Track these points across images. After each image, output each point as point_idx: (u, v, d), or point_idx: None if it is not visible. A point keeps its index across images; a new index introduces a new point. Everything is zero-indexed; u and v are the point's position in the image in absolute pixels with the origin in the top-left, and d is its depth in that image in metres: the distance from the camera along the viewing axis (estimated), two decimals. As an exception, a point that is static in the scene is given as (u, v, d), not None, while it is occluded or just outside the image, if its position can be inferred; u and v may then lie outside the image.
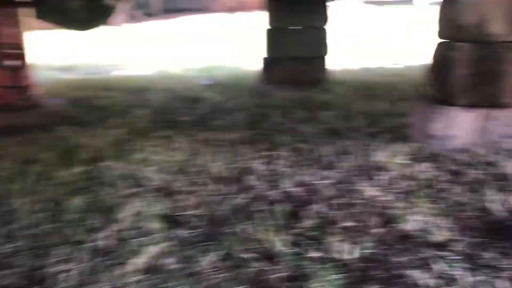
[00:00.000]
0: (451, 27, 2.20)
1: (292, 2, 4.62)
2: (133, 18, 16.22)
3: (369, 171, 2.05)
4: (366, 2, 12.45)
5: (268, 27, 4.77)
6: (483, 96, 2.20)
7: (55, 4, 4.41)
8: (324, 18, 4.76)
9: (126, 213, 1.69)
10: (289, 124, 3.01)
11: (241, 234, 1.53)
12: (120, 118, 3.28)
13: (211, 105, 3.69)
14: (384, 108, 3.31)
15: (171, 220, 1.66)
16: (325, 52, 4.86)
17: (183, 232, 1.56)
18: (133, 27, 13.77)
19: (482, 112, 2.24)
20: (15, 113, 3.24)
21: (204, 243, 1.50)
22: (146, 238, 1.53)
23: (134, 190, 1.92)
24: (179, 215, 1.69)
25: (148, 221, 1.62)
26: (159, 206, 1.75)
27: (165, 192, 1.91)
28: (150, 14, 17.58)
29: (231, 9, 16.21)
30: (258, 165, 2.15)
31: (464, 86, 2.18)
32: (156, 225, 1.60)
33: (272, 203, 1.77)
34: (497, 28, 2.14)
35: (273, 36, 4.70)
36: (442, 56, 2.23)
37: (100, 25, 5.59)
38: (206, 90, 4.41)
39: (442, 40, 2.33)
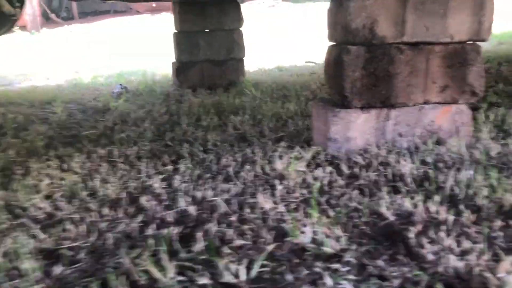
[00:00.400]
0: (341, 30, 2.21)
1: (202, 5, 4.53)
2: (50, 23, 15.38)
3: (268, 181, 2.02)
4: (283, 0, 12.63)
5: (175, 30, 4.64)
6: (378, 97, 2.24)
7: None
8: (238, 20, 4.71)
9: (0, 252, 1.52)
10: (198, 132, 2.93)
11: (126, 265, 1.43)
12: (16, 137, 3.03)
13: (119, 115, 3.52)
14: (294, 110, 3.32)
15: (51, 256, 1.52)
16: (241, 54, 4.82)
17: (61, 269, 1.43)
18: (49, 32, 13.06)
19: (377, 112, 2.28)
20: None
21: (84, 280, 1.38)
22: (18, 281, 1.38)
23: (13, 222, 1.75)
24: (60, 249, 1.55)
25: (24, 260, 1.47)
26: (39, 240, 1.60)
27: (49, 222, 1.75)
28: (69, 18, 16.75)
29: (154, 10, 15.83)
30: (156, 183, 2.05)
31: (358, 88, 2.21)
32: (32, 263, 1.45)
33: (165, 226, 1.67)
34: (386, 30, 2.18)
35: (182, 39, 4.58)
36: (335, 59, 2.25)
37: (2, 33, 5.20)
38: (116, 99, 4.21)
39: (334, 43, 2.34)
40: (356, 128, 2.26)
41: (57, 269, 1.42)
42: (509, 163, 2.03)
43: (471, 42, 2.29)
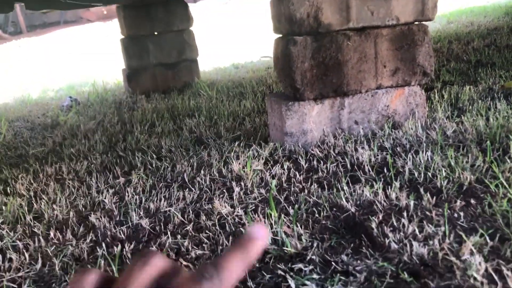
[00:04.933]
0: (286, 21, 2.15)
1: (147, 7, 4.38)
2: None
3: (225, 184, 1.94)
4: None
5: (122, 36, 4.48)
6: (330, 86, 2.19)
7: None
8: (186, 20, 4.58)
9: None
10: (152, 139, 2.81)
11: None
12: (-44, 163, 2.83)
13: (69, 130, 3.35)
14: (250, 107, 3.25)
15: (-9, 291, 1.39)
16: (193, 55, 4.71)
17: (2, 305, 1.30)
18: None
19: (331, 102, 2.23)
20: None
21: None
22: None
23: (-50, 258, 1.60)
24: (4, 281, 1.42)
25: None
26: (-22, 275, 1.46)
27: (-10, 253, 1.62)
28: (17, 32, 16.13)
29: (106, 18, 15.44)
30: (107, 198, 1.93)
31: (309, 79, 2.15)
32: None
33: (117, 243, 1.57)
34: (331, 17, 2.13)
35: (130, 45, 4.42)
36: (282, 51, 2.18)
37: None
38: (66, 112, 4.03)
39: (280, 36, 2.28)
40: (311, 120, 2.21)
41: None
42: (465, 140, 2.02)
43: (417, 22, 2.27)
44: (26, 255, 1.54)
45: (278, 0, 2.21)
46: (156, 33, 4.49)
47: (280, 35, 2.29)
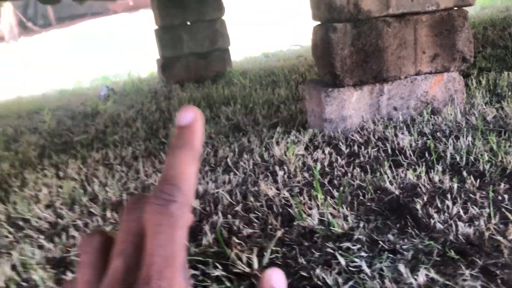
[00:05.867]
0: (326, 8, 2.19)
1: (180, -2, 4.46)
2: (28, 32, 15.15)
3: (268, 168, 2.01)
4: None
5: (156, 27, 4.58)
6: (370, 72, 2.23)
7: None
8: (218, 9, 4.65)
9: (8, 267, 1.50)
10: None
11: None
12: (7, 150, 2.98)
13: (109, 118, 3.48)
14: (285, 95, 3.30)
15: (60, 264, 1.50)
16: (225, 44, 4.77)
17: (73, 277, 1.41)
18: (28, 41, 12.88)
19: (370, 88, 2.27)
20: None
21: (96, 286, 1.36)
22: (29, 293, 1.37)
23: (17, 235, 1.72)
24: (69, 256, 1.53)
25: (33, 271, 1.45)
26: (46, 250, 1.57)
27: (53, 231, 1.73)
28: (47, 25, 16.51)
29: (131, 9, 15.64)
30: (156, 181, 2.03)
31: (349, 66, 2.19)
32: (42, 274, 1.43)
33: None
34: (371, 4, 2.16)
35: (164, 35, 4.52)
36: (321, 39, 2.22)
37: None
38: (104, 102, 4.16)
39: (319, 23, 2.32)
40: (350, 106, 2.25)
41: (68, 278, 1.41)
42: (506, 126, 2.04)
43: (457, 8, 2.28)
44: (89, 232, 1.64)
45: (318, -12, 2.25)
46: (189, 22, 4.58)
47: (319, 23, 2.33)
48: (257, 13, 9.61)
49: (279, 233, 1.50)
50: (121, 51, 8.12)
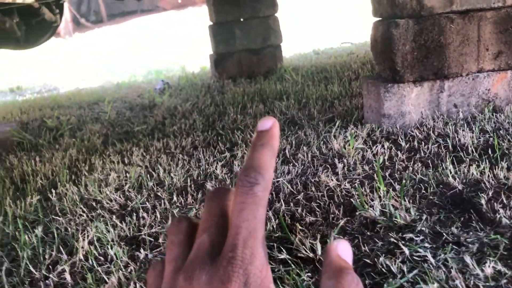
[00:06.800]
0: (387, 4, 2.20)
1: (235, -6, 4.55)
2: (81, 28, 15.80)
3: (327, 160, 2.05)
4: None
5: (210, 23, 4.68)
6: (430, 69, 2.22)
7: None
8: (272, 6, 4.71)
9: (86, 242, 1.62)
10: (246, 120, 2.97)
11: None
12: (73, 137, 3.16)
13: (167, 110, 3.61)
14: (338, 91, 3.32)
15: (132, 242, 1.60)
16: (278, 41, 4.83)
17: (145, 254, 1.51)
18: (81, 36, 13.42)
19: (431, 85, 2.26)
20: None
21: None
22: (108, 265, 1.47)
23: (92, 214, 1.84)
24: (141, 235, 1.63)
25: (109, 247, 1.56)
26: (119, 228, 1.68)
27: (123, 212, 1.84)
28: (98, 21, 17.14)
29: (180, 6, 15.98)
30: (217, 169, 2.11)
31: (409, 61, 2.19)
32: (117, 249, 1.54)
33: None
34: (433, 1, 2.15)
35: (218, 31, 4.63)
36: (382, 34, 2.23)
37: (44, 41, 5.40)
38: (159, 95, 4.32)
39: (379, 19, 2.33)
40: (409, 102, 2.25)
41: (141, 254, 1.51)
42: None
43: (524, 5, 2.23)
44: (157, 214, 1.74)
45: (380, -16, 2.26)
46: (242, 19, 4.66)
47: (379, 19, 2.34)
48: (307, 10, 9.61)
49: (341, 222, 1.54)
50: (171, 47, 8.34)
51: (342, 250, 0.33)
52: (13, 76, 7.02)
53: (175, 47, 8.21)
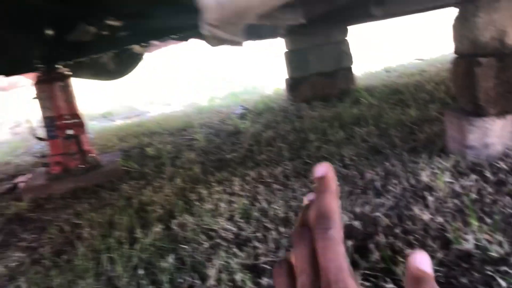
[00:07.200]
0: (469, 44, 2.36)
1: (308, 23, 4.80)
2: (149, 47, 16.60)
3: (417, 193, 2.23)
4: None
5: (286, 50, 4.97)
6: (513, 102, 2.35)
7: (89, 62, 4.75)
8: (343, 31, 4.93)
9: (214, 268, 1.92)
10: (330, 147, 3.20)
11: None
12: (173, 165, 3.54)
13: (252, 137, 3.91)
14: (415, 115, 3.47)
15: (253, 270, 1.88)
16: (349, 63, 5.03)
17: (268, 281, 1.78)
18: (150, 56, 14.14)
19: (514, 117, 2.38)
20: (78, 177, 3.54)
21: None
22: (238, 291, 1.75)
23: (212, 242, 2.15)
24: (259, 263, 1.91)
25: (235, 273, 1.85)
26: (240, 257, 1.97)
27: (238, 241, 2.13)
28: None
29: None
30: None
31: (492, 97, 2.34)
32: (243, 275, 1.82)
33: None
34: (515, 39, 2.29)
35: (293, 58, 4.90)
36: (464, 71, 2.39)
37: (131, 71, 5.95)
38: (241, 119, 4.64)
39: (457, 55, 2.49)
40: (493, 134, 2.39)
41: (264, 281, 1.78)
42: None
43: None
44: (269, 243, 2.02)
45: (461, 24, 2.42)
46: (315, 45, 4.91)
47: (460, 55, 2.50)
48: (374, 26, 9.68)
49: (439, 255, 1.73)
50: (244, 71, 8.71)
51: (421, 261, 0.37)
52: (102, 103, 7.69)
53: (248, 71, 8.56)
